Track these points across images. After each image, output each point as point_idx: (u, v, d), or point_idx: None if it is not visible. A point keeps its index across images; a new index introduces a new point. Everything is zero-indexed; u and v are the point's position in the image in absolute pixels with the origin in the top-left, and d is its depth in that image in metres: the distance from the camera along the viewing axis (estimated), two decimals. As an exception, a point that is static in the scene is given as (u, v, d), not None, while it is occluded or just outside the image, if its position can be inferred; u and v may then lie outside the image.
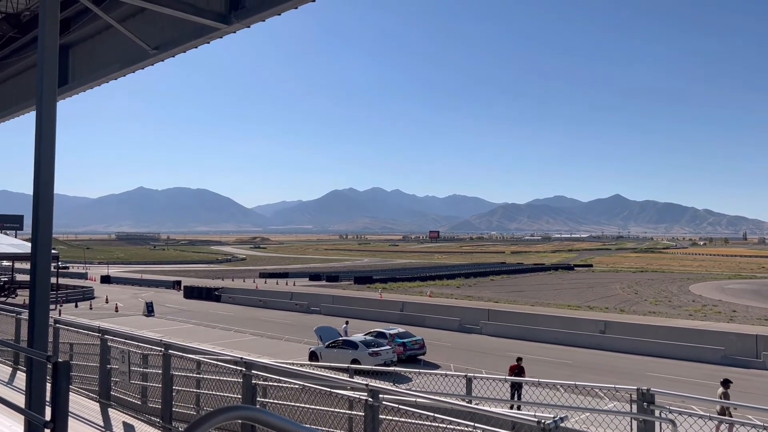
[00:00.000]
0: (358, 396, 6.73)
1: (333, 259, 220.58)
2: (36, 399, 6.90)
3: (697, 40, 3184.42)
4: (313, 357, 29.79)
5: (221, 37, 9.94)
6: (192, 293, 71.34)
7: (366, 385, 6.48)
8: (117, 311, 55.36)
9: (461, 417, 5.71)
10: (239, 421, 4.41)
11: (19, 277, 73.14)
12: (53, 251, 11.14)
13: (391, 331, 32.68)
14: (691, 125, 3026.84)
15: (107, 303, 62.53)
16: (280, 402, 8.41)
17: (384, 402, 6.39)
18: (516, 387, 17.58)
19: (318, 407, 7.90)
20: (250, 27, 9.49)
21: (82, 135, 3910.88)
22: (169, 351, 9.42)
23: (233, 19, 9.26)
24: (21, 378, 11.37)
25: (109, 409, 10.19)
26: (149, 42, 10.55)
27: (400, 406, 6.39)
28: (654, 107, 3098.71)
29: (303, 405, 7.94)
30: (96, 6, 10.37)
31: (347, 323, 37.43)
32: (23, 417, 6.40)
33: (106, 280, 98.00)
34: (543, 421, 4.76)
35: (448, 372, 16.65)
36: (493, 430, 5.27)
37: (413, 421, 6.63)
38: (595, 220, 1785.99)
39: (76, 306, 61.05)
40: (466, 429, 5.56)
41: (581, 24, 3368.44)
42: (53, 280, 52.67)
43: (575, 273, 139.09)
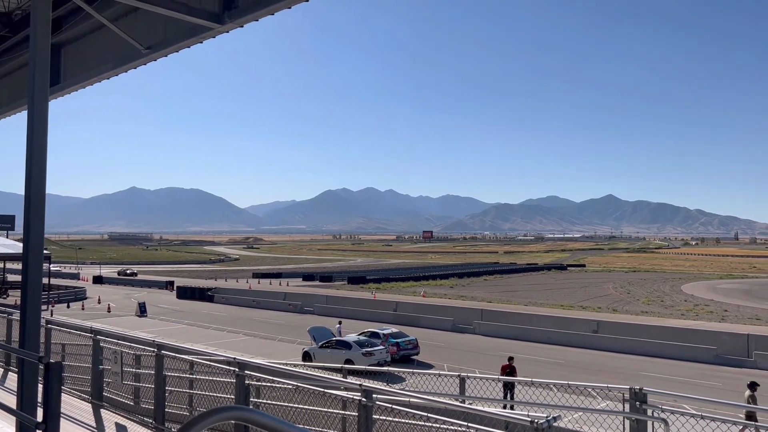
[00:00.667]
0: (351, 396, 6.73)
1: (326, 260, 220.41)
2: (28, 400, 6.87)
3: (690, 41, 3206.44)
4: (307, 357, 29.76)
5: (214, 37, 9.91)
6: (185, 293, 71.18)
7: (359, 385, 6.49)
8: (109, 311, 55.10)
9: (455, 417, 5.72)
10: (232, 422, 4.41)
11: (11, 278, 72.85)
12: (45, 251, 11.09)
13: (385, 331, 32.68)
14: (684, 126, 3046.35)
15: (99, 303, 62.27)
16: (273, 402, 8.40)
17: (377, 402, 6.38)
18: (508, 387, 17.64)
19: (311, 407, 7.89)
20: (243, 27, 9.47)
21: (74, 134, 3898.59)
22: (162, 351, 9.39)
23: (226, 19, 9.24)
24: (12, 379, 11.31)
25: (102, 410, 10.15)
26: (142, 41, 10.51)
27: (393, 406, 6.39)
28: (647, 108, 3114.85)
29: (296, 405, 7.93)
30: (88, 5, 10.31)
31: (340, 323, 37.44)
32: (14, 418, 6.36)
33: (98, 280, 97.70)
34: (536, 421, 4.77)
35: (441, 372, 16.65)
36: (487, 429, 5.28)
37: (407, 421, 6.63)
38: (588, 220, 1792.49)
39: (68, 306, 60.79)
40: (459, 429, 5.57)
41: (576, 24, 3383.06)
42: (45, 280, 52.40)
43: (568, 273, 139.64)
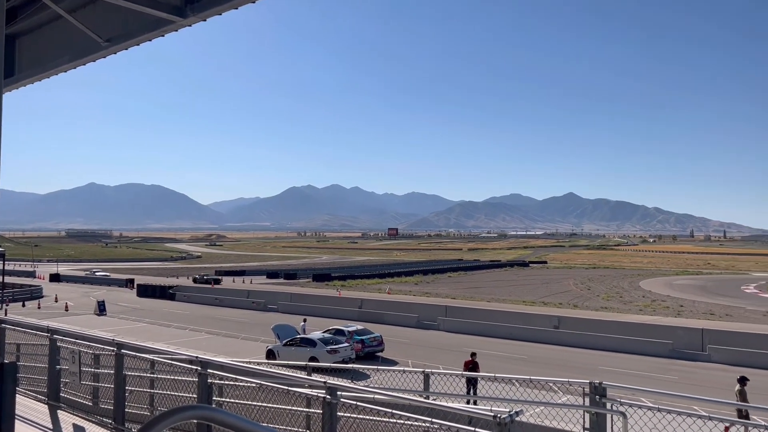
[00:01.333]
0: (316, 394, 6.71)
1: (291, 257, 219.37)
2: (-20, 402, 6.67)
3: (651, 41, 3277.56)
4: (271, 355, 29.57)
5: (177, 31, 9.73)
6: (146, 292, 69.97)
7: (324, 383, 6.46)
8: (67, 310, 53.81)
9: (419, 413, 5.74)
10: (195, 421, 4.35)
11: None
12: (-1, 249, 10.80)
13: (350, 329, 32.68)
14: (642, 125, 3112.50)
15: (57, 302, 60.78)
16: (236, 401, 8.33)
17: (342, 399, 6.38)
18: (471, 382, 17.83)
19: (275, 405, 7.84)
20: (206, 20, 9.33)
21: (30, 129, 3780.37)
22: (122, 351, 9.21)
23: (189, 13, 9.08)
24: (-36, 380, 10.95)
25: (59, 411, 9.92)
26: (101, 34, 10.25)
27: (358, 403, 6.39)
28: (607, 108, 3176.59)
29: (260, 404, 7.86)
30: (45, -5, 10.02)
31: (305, 321, 37.30)
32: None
33: (55, 278, 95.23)
34: (499, 416, 4.83)
35: (406, 368, 16.74)
36: (450, 425, 5.32)
37: (372, 418, 6.65)
38: (550, 217, 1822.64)
39: (23, 305, 59.24)
40: (423, 425, 5.60)
41: (536, 23, 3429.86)
42: (-1, 278, 50.82)
43: (530, 270, 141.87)
